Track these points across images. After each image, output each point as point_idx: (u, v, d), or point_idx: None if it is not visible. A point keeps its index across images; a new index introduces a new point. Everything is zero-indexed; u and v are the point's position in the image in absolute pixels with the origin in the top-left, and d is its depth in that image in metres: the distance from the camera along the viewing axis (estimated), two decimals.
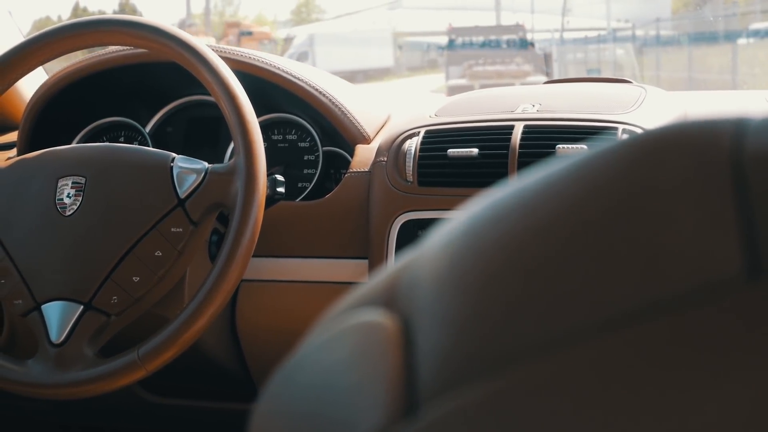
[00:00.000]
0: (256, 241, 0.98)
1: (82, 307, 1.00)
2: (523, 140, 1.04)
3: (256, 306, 1.16)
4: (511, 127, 1.06)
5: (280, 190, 1.05)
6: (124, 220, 1.01)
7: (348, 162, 1.18)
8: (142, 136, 1.27)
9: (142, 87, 1.30)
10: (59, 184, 1.04)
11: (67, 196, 1.03)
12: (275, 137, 1.25)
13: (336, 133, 1.20)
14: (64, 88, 1.26)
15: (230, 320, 1.18)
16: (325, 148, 1.22)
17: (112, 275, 1.00)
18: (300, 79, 1.20)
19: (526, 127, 1.05)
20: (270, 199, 1.03)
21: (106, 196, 1.02)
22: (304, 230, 1.14)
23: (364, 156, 1.16)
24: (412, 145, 1.09)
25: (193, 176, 1.01)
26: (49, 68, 1.42)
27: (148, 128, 1.30)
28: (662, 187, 0.24)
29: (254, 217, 0.97)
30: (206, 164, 1.02)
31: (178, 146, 1.30)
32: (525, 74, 14.90)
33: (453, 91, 11.91)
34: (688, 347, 0.22)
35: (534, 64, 15.61)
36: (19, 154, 1.27)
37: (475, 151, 1.04)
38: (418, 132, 1.11)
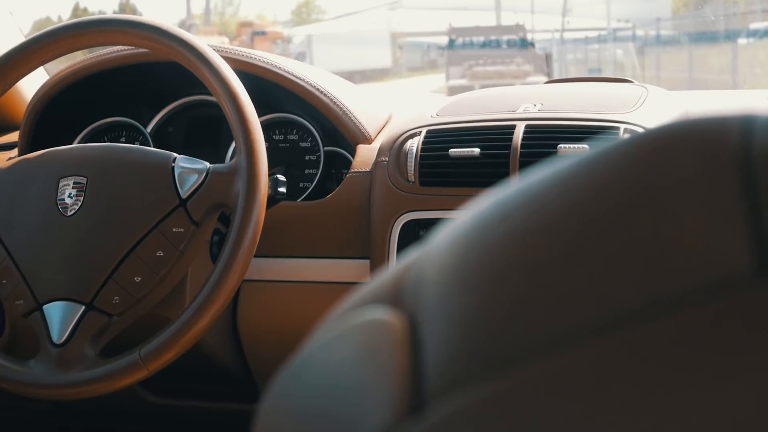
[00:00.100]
0: (257, 241, 0.97)
1: (83, 307, 1.00)
2: (524, 140, 1.04)
3: (258, 306, 1.16)
4: (513, 127, 1.06)
5: (282, 190, 1.05)
6: (126, 220, 1.01)
7: (349, 162, 1.17)
8: (143, 136, 1.27)
9: (143, 87, 1.30)
10: (60, 185, 1.04)
11: (69, 196, 1.03)
12: (276, 137, 1.25)
13: (337, 132, 1.20)
14: (65, 88, 1.26)
15: (232, 320, 1.17)
16: (326, 148, 1.22)
17: (113, 275, 1.00)
18: (301, 79, 1.19)
19: (527, 126, 1.05)
20: (271, 199, 1.03)
21: (107, 197, 1.02)
22: (306, 230, 1.14)
23: (365, 156, 1.16)
24: (414, 145, 1.09)
25: (195, 176, 1.01)
26: (50, 68, 1.42)
27: (149, 128, 1.30)
28: (669, 184, 0.24)
29: (256, 217, 0.97)
30: (207, 164, 1.02)
31: (180, 146, 1.29)
32: (525, 74, 14.91)
33: (453, 91, 11.90)
34: (695, 346, 0.21)
35: (534, 64, 15.62)
36: (20, 155, 1.27)
37: (476, 150, 1.04)
38: (420, 132, 1.10)
